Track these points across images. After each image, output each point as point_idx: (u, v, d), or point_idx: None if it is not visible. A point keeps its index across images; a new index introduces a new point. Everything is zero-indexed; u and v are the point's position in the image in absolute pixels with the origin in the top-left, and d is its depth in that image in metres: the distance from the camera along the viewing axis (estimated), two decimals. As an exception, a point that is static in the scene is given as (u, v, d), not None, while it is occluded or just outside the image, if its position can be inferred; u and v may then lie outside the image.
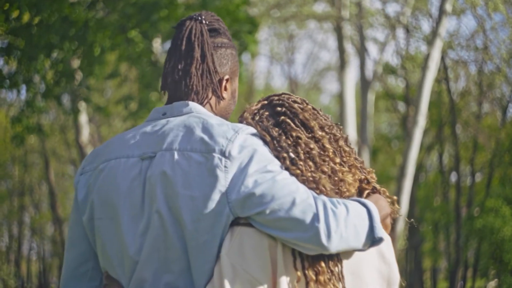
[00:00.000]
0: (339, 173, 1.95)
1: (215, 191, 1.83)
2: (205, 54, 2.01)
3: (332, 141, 2.01)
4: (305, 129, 1.99)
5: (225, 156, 1.85)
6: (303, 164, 1.90)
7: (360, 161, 2.05)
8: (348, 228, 1.83)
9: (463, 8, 15.63)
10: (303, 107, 2.03)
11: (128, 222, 1.91)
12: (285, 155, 1.91)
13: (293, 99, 2.05)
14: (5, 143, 23.24)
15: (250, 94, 21.83)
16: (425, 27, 26.90)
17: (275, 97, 2.07)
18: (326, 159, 1.95)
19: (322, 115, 2.05)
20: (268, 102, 2.06)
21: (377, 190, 2.04)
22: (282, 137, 1.95)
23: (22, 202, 28.56)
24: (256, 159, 1.85)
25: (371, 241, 1.88)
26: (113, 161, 1.98)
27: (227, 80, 2.08)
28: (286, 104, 2.03)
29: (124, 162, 1.96)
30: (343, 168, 1.97)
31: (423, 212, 24.23)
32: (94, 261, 2.04)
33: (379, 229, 1.88)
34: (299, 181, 1.87)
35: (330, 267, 1.85)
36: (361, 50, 15.40)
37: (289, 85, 25.70)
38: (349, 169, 2.00)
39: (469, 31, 17.43)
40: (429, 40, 14.22)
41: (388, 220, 2.00)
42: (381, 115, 26.49)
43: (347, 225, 1.83)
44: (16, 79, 8.26)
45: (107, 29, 7.95)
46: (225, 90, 2.09)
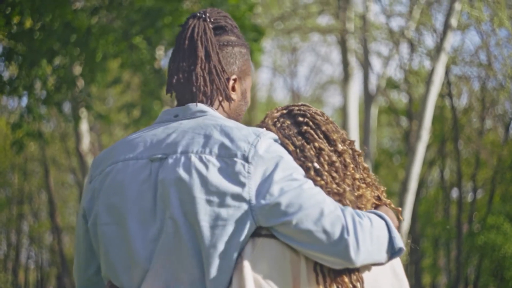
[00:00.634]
0: (360, 189, 1.91)
1: (237, 197, 1.73)
2: (209, 53, 1.90)
3: (352, 156, 1.97)
4: (327, 141, 1.93)
5: (247, 161, 1.75)
6: (327, 175, 1.84)
7: (374, 178, 2.02)
8: (373, 240, 1.76)
9: (467, 24, 15.59)
10: (325, 119, 1.98)
11: (136, 227, 1.79)
12: (309, 165, 1.84)
13: (313, 111, 2.00)
14: (5, 150, 23.22)
15: (252, 106, 21.76)
16: (429, 41, 26.97)
17: (295, 107, 2.01)
18: (347, 173, 1.90)
19: (341, 129, 2.01)
20: (287, 112, 2.00)
21: (383, 202, 1.99)
22: (306, 146, 1.88)
23: (21, 210, 28.49)
24: (281, 166, 1.76)
25: (390, 253, 1.81)
26: (121, 163, 1.87)
27: (234, 80, 1.97)
28: (308, 115, 1.97)
29: (133, 164, 1.85)
30: (361, 184, 1.93)
31: (424, 227, 24.18)
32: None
33: (399, 239, 1.81)
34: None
35: (353, 282, 1.78)
36: (365, 64, 15.34)
37: (292, 98, 25.68)
38: (367, 185, 1.96)
39: (473, 46, 17.44)
40: (432, 55, 14.17)
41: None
42: (383, 129, 26.47)
43: (372, 238, 1.76)
44: (17, 84, 8.19)
45: (110, 35, 7.90)
46: (233, 90, 1.97)
